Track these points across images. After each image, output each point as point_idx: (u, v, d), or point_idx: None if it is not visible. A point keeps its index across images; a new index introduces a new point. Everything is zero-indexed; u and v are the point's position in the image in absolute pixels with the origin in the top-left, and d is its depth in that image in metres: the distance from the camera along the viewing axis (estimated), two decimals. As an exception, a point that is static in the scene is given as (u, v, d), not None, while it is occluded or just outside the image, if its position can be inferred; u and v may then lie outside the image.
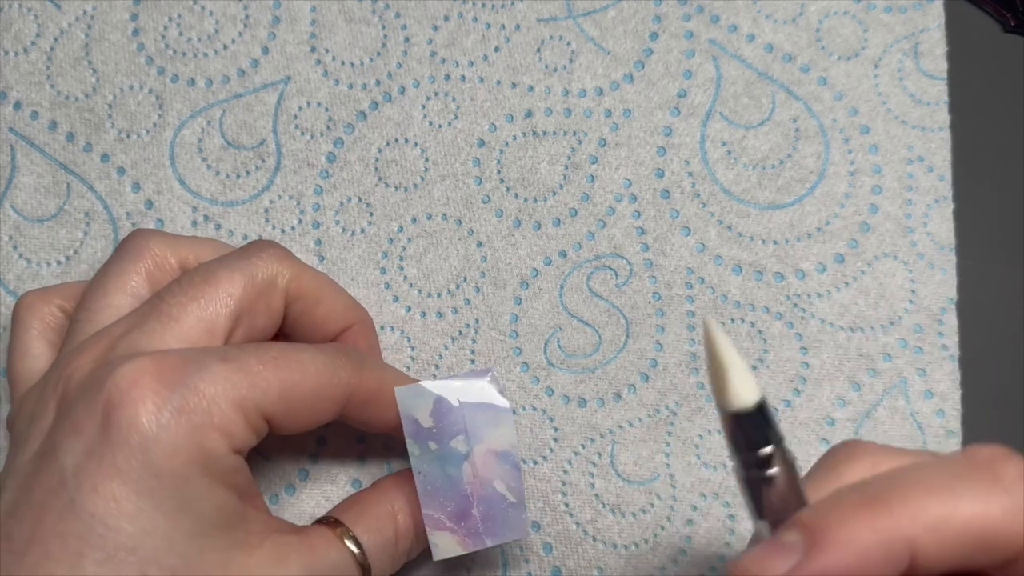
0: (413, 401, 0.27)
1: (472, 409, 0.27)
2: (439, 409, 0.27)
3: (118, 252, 0.27)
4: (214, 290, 0.25)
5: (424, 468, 0.27)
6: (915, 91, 0.33)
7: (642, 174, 0.33)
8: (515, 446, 0.27)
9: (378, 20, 0.34)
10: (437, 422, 0.27)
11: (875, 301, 0.32)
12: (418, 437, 0.27)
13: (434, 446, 0.27)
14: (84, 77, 0.34)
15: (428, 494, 0.27)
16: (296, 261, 0.28)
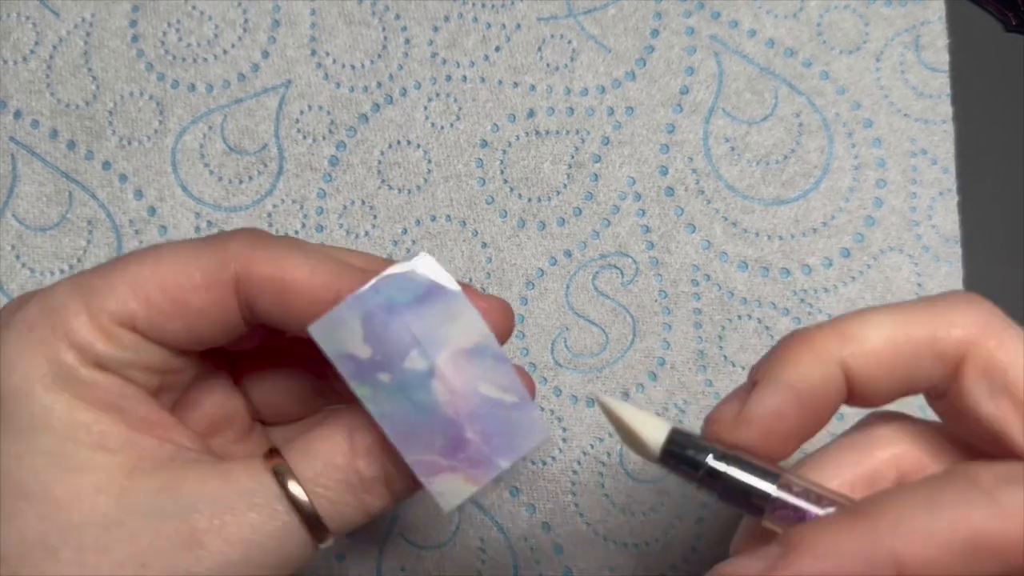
0: (336, 334, 0.20)
1: (414, 310, 0.21)
2: (371, 329, 0.20)
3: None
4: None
5: (386, 409, 0.21)
6: (917, 84, 0.33)
7: (646, 172, 0.33)
8: (487, 334, 0.21)
9: (378, 22, 0.34)
10: (376, 346, 0.20)
11: (882, 295, 0.32)
12: (361, 375, 0.21)
13: (385, 377, 0.21)
14: (84, 84, 0.34)
15: (404, 437, 0.21)
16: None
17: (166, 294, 0.21)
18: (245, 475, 0.21)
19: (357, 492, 0.21)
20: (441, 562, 0.32)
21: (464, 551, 0.32)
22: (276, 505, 0.21)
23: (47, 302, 0.21)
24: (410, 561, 0.32)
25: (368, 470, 0.21)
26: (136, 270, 0.21)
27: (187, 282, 0.21)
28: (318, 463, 0.21)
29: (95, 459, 0.20)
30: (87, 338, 0.21)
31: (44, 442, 0.20)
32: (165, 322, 0.21)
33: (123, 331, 0.21)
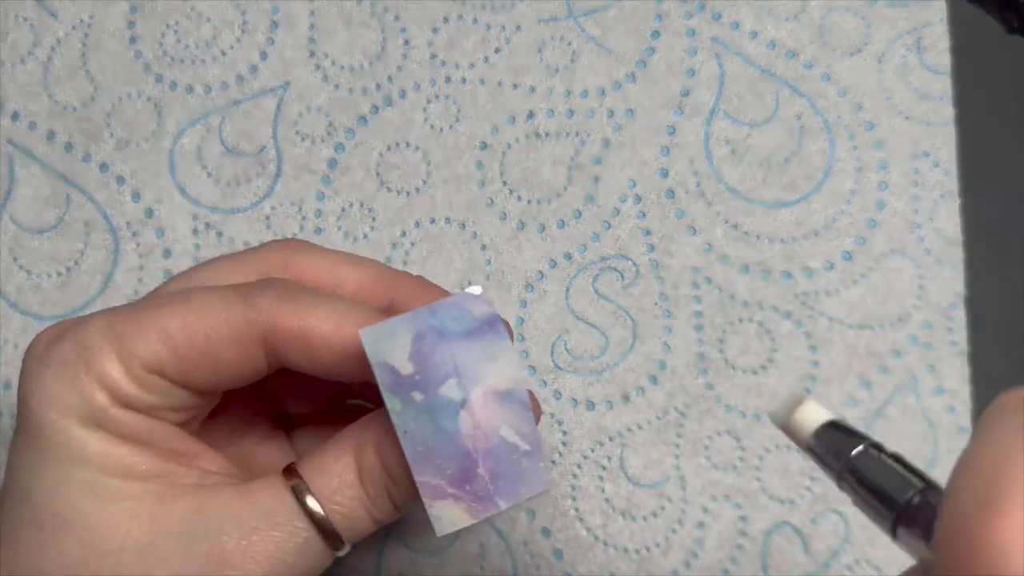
0: (384, 343, 0.21)
1: (462, 342, 0.21)
2: (419, 349, 0.21)
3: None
4: (201, 269, 0.25)
5: (410, 426, 0.21)
6: (919, 86, 0.33)
7: (646, 174, 0.33)
8: (520, 380, 0.22)
9: (377, 23, 0.34)
10: (419, 365, 0.21)
11: (884, 298, 0.32)
12: (397, 388, 0.21)
13: (419, 396, 0.21)
14: (82, 86, 0.33)
15: (420, 456, 0.21)
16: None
17: (195, 347, 0.22)
18: (266, 496, 0.22)
19: (367, 506, 0.23)
20: (440, 567, 0.31)
21: (463, 556, 0.32)
22: (297, 523, 0.22)
23: (81, 341, 0.22)
24: (409, 566, 0.32)
25: (373, 488, 0.23)
26: (167, 319, 0.22)
27: (215, 336, 0.22)
28: (333, 481, 0.23)
29: (127, 488, 0.22)
30: (118, 382, 0.22)
31: (80, 474, 0.22)
32: (192, 371, 0.22)
33: (152, 377, 0.22)
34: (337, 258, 0.25)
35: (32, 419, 0.22)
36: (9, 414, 0.32)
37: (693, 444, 0.32)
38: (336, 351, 0.22)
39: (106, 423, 0.22)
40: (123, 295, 0.33)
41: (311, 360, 0.23)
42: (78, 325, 0.23)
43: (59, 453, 0.22)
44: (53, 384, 0.22)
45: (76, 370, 0.22)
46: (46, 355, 0.22)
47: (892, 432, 0.32)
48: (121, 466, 0.22)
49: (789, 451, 0.32)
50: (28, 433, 0.22)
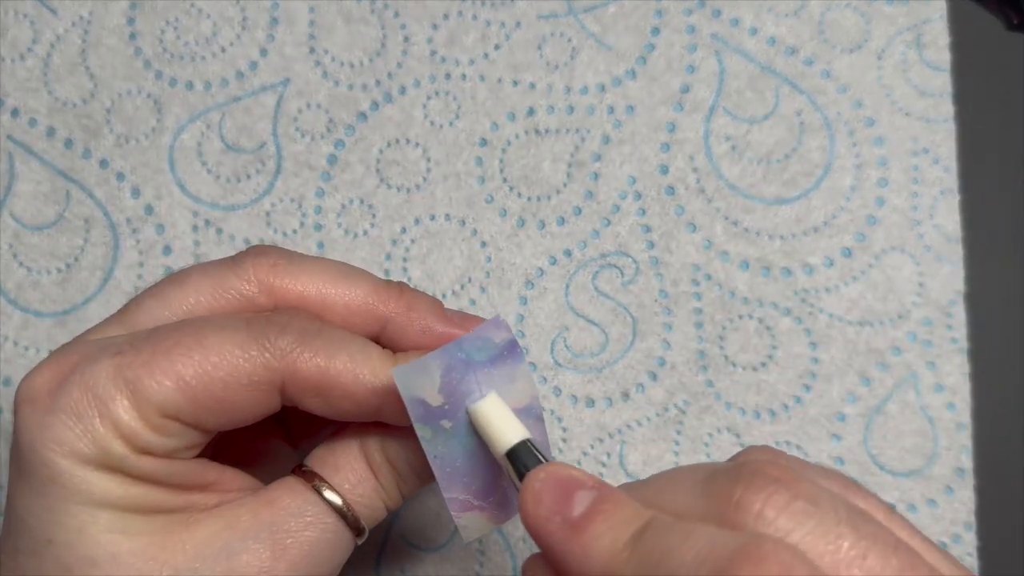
0: (416, 380, 0.22)
1: (486, 369, 0.23)
2: (448, 382, 0.22)
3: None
4: (176, 290, 0.24)
5: (439, 451, 0.23)
6: (919, 82, 0.33)
7: (646, 171, 0.33)
8: (535, 396, 0.23)
9: (377, 20, 0.34)
10: (448, 396, 0.22)
11: (883, 295, 0.32)
12: (428, 419, 0.22)
13: (448, 424, 0.23)
14: (81, 82, 0.33)
15: (448, 477, 0.23)
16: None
17: (212, 394, 0.22)
18: (292, 499, 0.23)
19: (382, 496, 0.24)
20: (440, 564, 0.31)
21: (463, 553, 0.32)
22: (326, 519, 0.23)
23: (91, 388, 0.22)
24: (409, 563, 0.32)
25: (385, 481, 0.24)
26: (182, 366, 0.22)
27: (233, 383, 0.22)
28: (352, 476, 0.24)
29: (153, 522, 0.22)
30: (136, 431, 0.22)
31: (104, 516, 0.22)
32: (207, 415, 0.22)
33: (168, 422, 0.22)
34: (323, 276, 0.24)
35: (43, 467, 0.22)
36: (9, 410, 0.32)
37: (693, 441, 0.32)
38: (353, 400, 0.23)
39: (124, 467, 0.22)
40: (123, 291, 0.33)
41: (327, 406, 0.23)
42: (82, 368, 0.22)
43: (79, 498, 0.22)
44: (64, 432, 0.21)
45: (90, 420, 0.21)
46: (52, 403, 0.22)
47: (891, 429, 0.32)
48: (145, 504, 0.22)
49: (789, 448, 0.32)
50: (39, 480, 0.22)
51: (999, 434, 0.32)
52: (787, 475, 0.18)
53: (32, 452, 0.22)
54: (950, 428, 0.32)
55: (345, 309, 0.24)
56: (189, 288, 0.24)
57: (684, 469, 0.20)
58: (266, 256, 0.24)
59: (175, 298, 0.24)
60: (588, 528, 0.19)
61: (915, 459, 0.31)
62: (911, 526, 0.19)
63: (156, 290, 0.24)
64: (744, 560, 0.16)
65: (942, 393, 0.32)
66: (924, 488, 0.31)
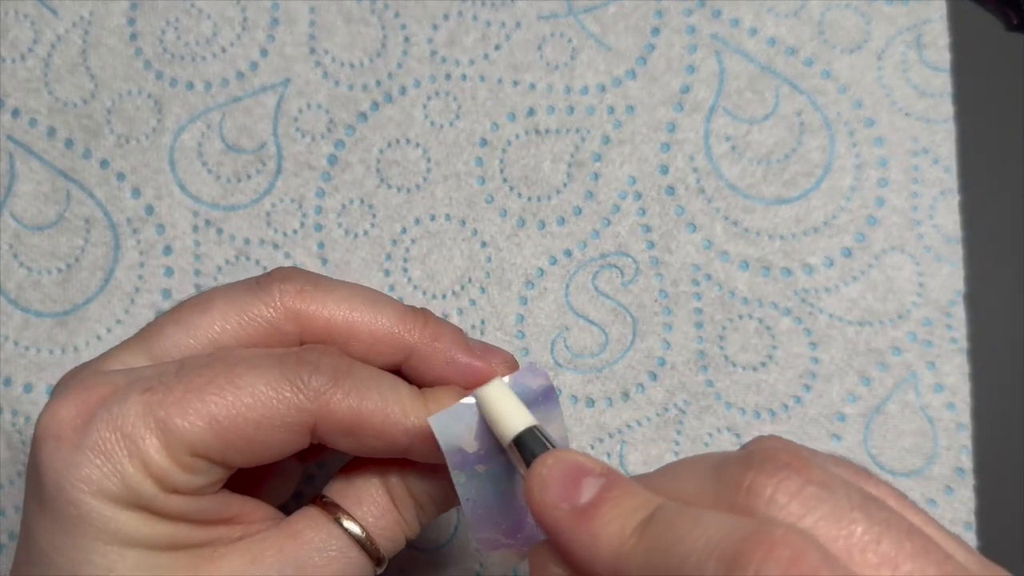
0: (453, 428, 0.22)
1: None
2: (485, 428, 0.23)
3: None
4: (200, 318, 0.24)
5: (472, 494, 0.23)
6: (919, 83, 0.33)
7: (646, 171, 0.33)
8: (565, 436, 0.24)
9: (377, 20, 0.34)
10: (483, 443, 0.23)
11: (883, 295, 0.32)
12: (464, 466, 0.23)
13: (482, 468, 0.23)
14: (82, 83, 0.33)
15: (479, 518, 0.23)
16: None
17: (243, 434, 0.22)
18: (315, 533, 0.23)
19: (403, 527, 0.24)
20: (440, 564, 0.31)
21: (462, 553, 0.32)
22: (350, 553, 0.23)
23: (120, 427, 0.21)
24: (409, 564, 0.32)
25: (406, 512, 0.24)
26: (214, 406, 0.22)
27: (267, 424, 0.22)
28: (374, 509, 0.24)
29: (179, 558, 0.22)
30: (165, 470, 0.22)
31: (131, 555, 0.22)
32: (236, 454, 0.22)
33: (197, 460, 0.22)
34: (350, 304, 0.24)
35: (71, 506, 0.21)
36: (9, 410, 0.32)
37: (693, 441, 0.32)
38: (383, 440, 0.23)
39: (154, 507, 0.22)
40: (123, 292, 0.33)
41: (357, 446, 0.23)
42: (110, 405, 0.22)
43: (107, 537, 0.21)
44: (92, 471, 0.21)
45: (119, 459, 0.21)
46: (79, 441, 0.21)
47: (891, 429, 0.32)
48: (171, 542, 0.22)
49: (789, 448, 0.32)
50: (66, 518, 0.21)
51: (999, 434, 0.32)
52: (799, 461, 0.18)
53: (58, 490, 0.21)
54: (950, 428, 0.32)
55: (371, 337, 0.24)
56: (214, 315, 0.24)
57: (695, 458, 0.20)
58: (292, 282, 0.24)
59: (199, 326, 0.23)
60: (596, 515, 0.19)
61: (915, 459, 0.31)
62: (924, 513, 0.19)
63: (178, 315, 0.24)
64: (756, 546, 0.16)
65: (942, 393, 0.32)
66: (924, 488, 0.31)
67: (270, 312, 0.24)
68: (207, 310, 0.24)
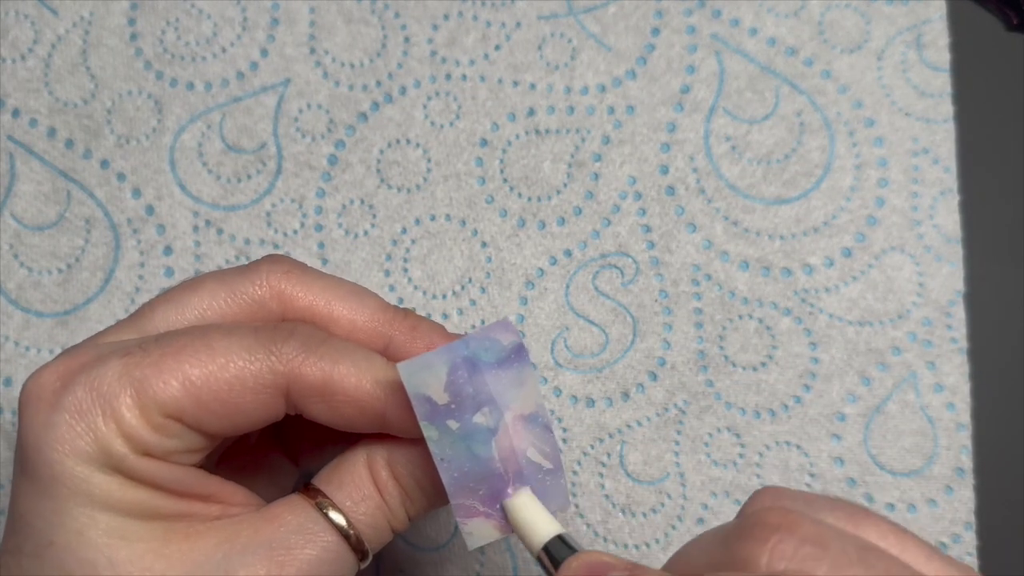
0: (421, 376, 0.22)
1: (493, 371, 0.23)
2: (455, 380, 0.22)
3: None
4: (190, 295, 0.24)
5: (447, 453, 0.22)
6: (919, 83, 0.33)
7: (646, 171, 0.33)
8: (541, 404, 0.23)
9: (377, 20, 0.34)
10: (454, 396, 0.22)
11: (883, 295, 0.32)
12: (433, 418, 0.22)
13: (455, 425, 0.22)
14: (82, 83, 0.33)
15: (455, 481, 0.23)
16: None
17: (216, 395, 0.22)
18: (293, 515, 0.23)
19: (387, 516, 0.24)
20: (440, 564, 0.32)
21: (463, 553, 0.32)
22: (328, 536, 0.23)
23: (97, 387, 0.22)
24: (409, 563, 0.32)
25: (391, 500, 0.24)
26: (189, 366, 0.22)
27: (239, 385, 0.22)
28: (355, 494, 0.24)
29: (153, 529, 0.22)
30: (137, 429, 0.22)
31: (104, 519, 0.22)
32: (210, 418, 0.22)
33: (170, 422, 0.22)
34: (334, 291, 0.25)
35: (46, 467, 0.22)
36: (9, 410, 0.32)
37: (693, 441, 0.32)
38: (357, 405, 0.23)
39: (124, 468, 0.22)
40: (124, 292, 0.33)
41: (331, 412, 0.23)
42: (90, 368, 0.22)
43: (80, 500, 0.22)
44: (67, 431, 0.22)
45: (93, 417, 0.22)
46: (57, 401, 0.22)
47: (891, 429, 0.32)
48: (144, 509, 0.22)
49: (789, 448, 0.32)
50: (42, 480, 0.22)
51: (999, 434, 0.32)
52: (788, 519, 0.18)
53: (36, 451, 0.22)
54: (950, 428, 0.32)
55: (351, 325, 0.25)
56: (203, 292, 0.24)
57: (707, 533, 0.20)
58: (280, 264, 0.25)
59: (188, 302, 0.24)
60: None
61: (915, 459, 0.32)
62: (927, 546, 0.19)
63: (170, 295, 0.24)
64: None
65: (942, 393, 0.32)
66: (924, 488, 0.31)
67: (255, 289, 0.24)
68: (197, 289, 0.24)
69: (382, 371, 0.23)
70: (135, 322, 0.24)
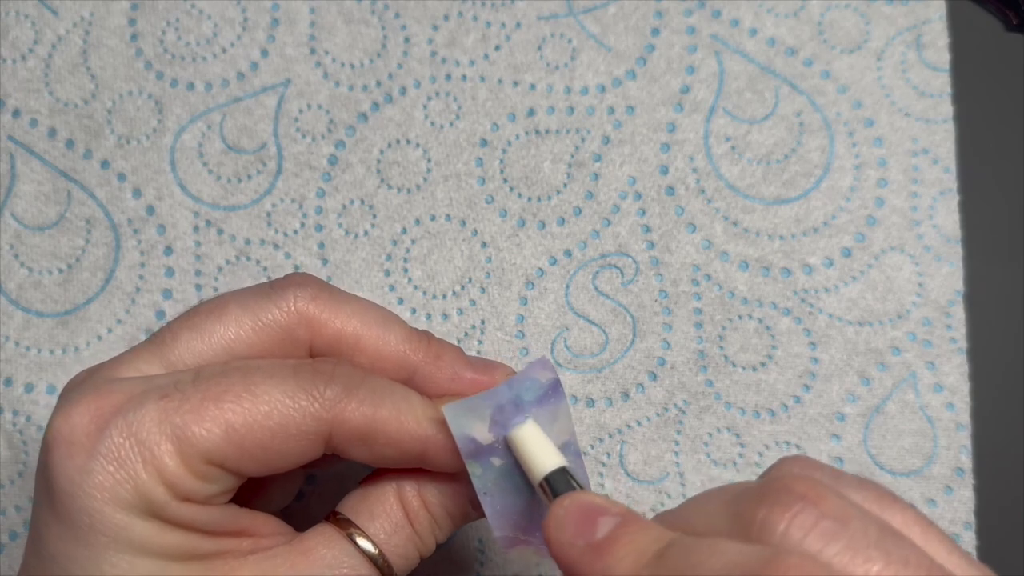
0: (467, 419, 0.23)
1: (533, 409, 0.23)
2: (498, 421, 0.23)
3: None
4: (216, 324, 0.24)
5: (490, 488, 0.23)
6: (918, 83, 0.33)
7: (646, 171, 0.33)
8: (573, 432, 0.24)
9: (377, 20, 0.34)
10: (498, 435, 0.23)
11: (883, 295, 0.32)
12: (478, 456, 0.23)
13: (498, 462, 0.23)
14: (83, 83, 0.33)
15: (498, 515, 0.23)
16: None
17: (259, 443, 0.22)
18: (327, 549, 0.23)
19: (417, 544, 0.24)
20: (440, 563, 0.32)
21: (463, 552, 0.32)
22: (362, 570, 0.23)
23: (135, 433, 0.21)
24: (409, 562, 0.32)
25: (421, 528, 0.24)
26: (231, 414, 0.22)
27: (282, 433, 0.22)
28: (388, 525, 0.24)
29: (192, 568, 0.22)
30: (179, 477, 0.22)
31: (143, 564, 0.22)
32: (250, 463, 0.22)
33: (212, 468, 0.22)
34: (360, 317, 0.24)
35: (84, 514, 0.21)
36: (10, 410, 0.32)
37: (692, 440, 0.32)
38: (398, 448, 0.23)
39: (166, 516, 0.22)
40: (124, 292, 0.33)
41: (371, 454, 0.23)
42: (126, 412, 0.22)
43: (120, 546, 0.21)
44: (106, 479, 0.21)
45: (133, 466, 0.21)
46: (92, 448, 0.21)
47: (891, 429, 0.32)
48: (183, 552, 0.22)
49: (789, 448, 0.32)
50: (79, 527, 0.21)
51: (998, 434, 0.32)
52: (815, 491, 0.18)
53: (71, 498, 0.21)
54: (949, 428, 0.32)
55: (376, 354, 0.24)
56: (229, 321, 0.24)
57: (713, 491, 0.20)
58: (306, 287, 0.24)
59: (214, 332, 0.24)
60: (610, 551, 0.19)
61: (914, 459, 0.32)
62: (949, 540, 0.18)
63: (192, 321, 0.24)
64: (772, 571, 0.16)
65: (941, 393, 0.32)
66: (923, 488, 0.31)
67: (283, 316, 0.24)
68: (222, 316, 0.24)
69: (422, 412, 0.23)
70: (157, 349, 0.24)
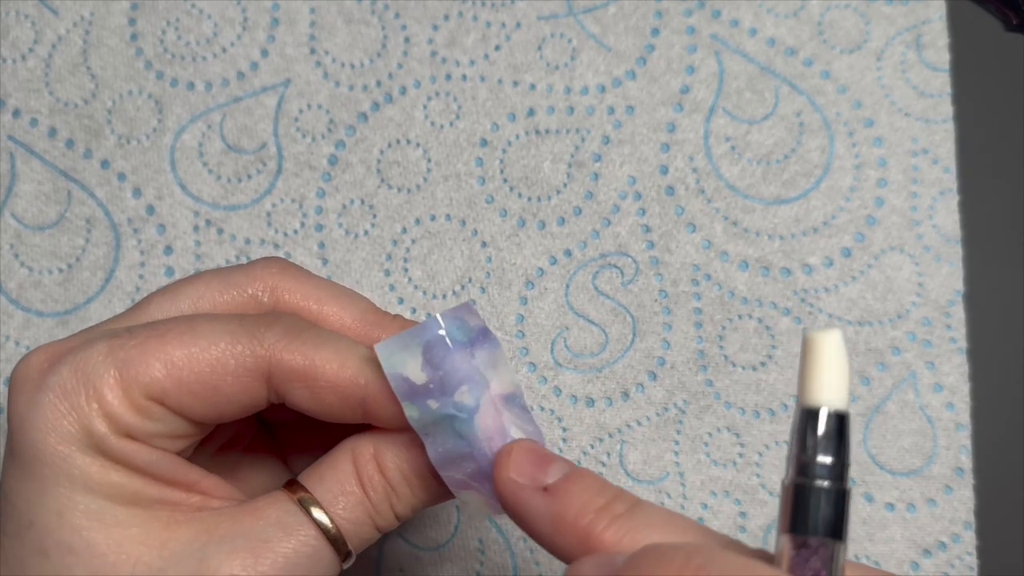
0: (397, 356, 0.22)
1: (467, 350, 0.23)
2: (430, 359, 0.22)
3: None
4: (186, 286, 0.25)
5: (430, 430, 0.23)
6: (918, 83, 0.33)
7: (646, 171, 0.33)
8: (518, 384, 0.24)
9: (377, 20, 0.34)
10: (431, 375, 0.22)
11: (883, 295, 0.32)
12: (413, 397, 0.22)
13: (435, 404, 0.22)
14: (83, 83, 0.33)
15: (442, 458, 0.23)
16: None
17: (198, 377, 0.22)
18: (274, 509, 0.23)
19: (370, 513, 0.24)
20: (440, 563, 0.32)
21: (463, 552, 0.32)
22: (306, 531, 0.23)
23: (81, 367, 0.22)
24: (409, 562, 0.32)
25: (375, 495, 0.23)
26: (172, 348, 0.22)
27: (220, 368, 0.22)
28: (336, 490, 0.23)
29: (133, 515, 0.22)
30: (119, 410, 0.22)
31: (83, 501, 0.22)
32: (192, 401, 0.22)
33: (152, 405, 0.22)
34: (325, 291, 0.25)
35: (30, 446, 0.22)
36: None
37: (692, 440, 0.32)
38: (338, 392, 0.23)
39: (107, 451, 0.22)
40: (124, 292, 0.33)
41: (312, 399, 0.23)
42: (76, 350, 0.22)
43: (61, 480, 0.22)
44: (51, 411, 0.22)
45: (76, 397, 0.22)
46: (42, 381, 0.22)
47: (891, 428, 0.32)
48: (125, 493, 0.22)
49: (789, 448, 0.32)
50: (25, 460, 0.22)
51: (998, 434, 0.32)
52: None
53: (20, 431, 0.22)
54: (949, 428, 0.32)
55: (339, 324, 0.25)
56: (198, 284, 0.25)
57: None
58: (276, 263, 0.25)
59: (182, 292, 0.24)
60: (561, 491, 0.21)
61: (914, 459, 0.32)
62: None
63: (167, 287, 0.25)
64: None
65: (941, 393, 0.32)
66: (923, 488, 0.31)
67: (249, 282, 0.25)
68: (193, 281, 0.25)
69: (363, 355, 0.23)
70: (132, 314, 0.25)
